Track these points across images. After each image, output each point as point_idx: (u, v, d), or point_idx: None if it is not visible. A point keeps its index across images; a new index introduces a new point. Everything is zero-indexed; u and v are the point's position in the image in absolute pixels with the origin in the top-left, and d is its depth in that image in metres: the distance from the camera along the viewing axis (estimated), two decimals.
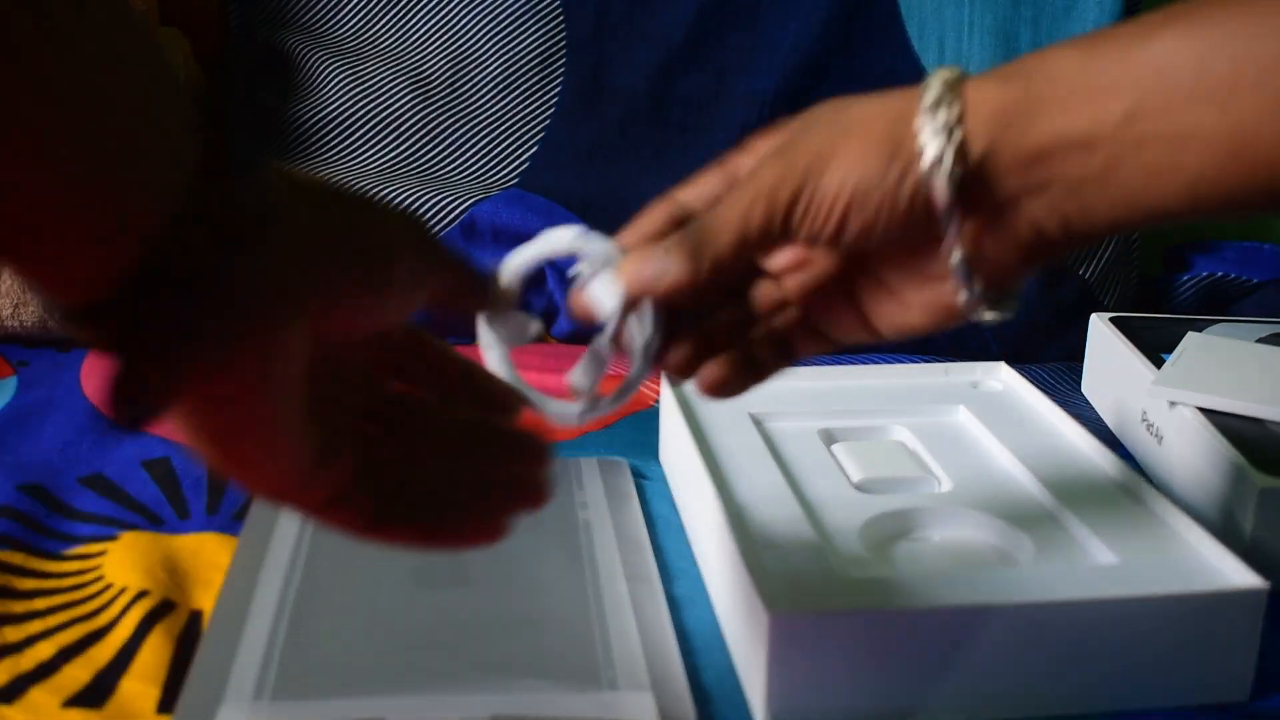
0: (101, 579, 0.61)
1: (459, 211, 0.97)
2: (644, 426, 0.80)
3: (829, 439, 0.70)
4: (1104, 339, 0.86)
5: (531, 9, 1.03)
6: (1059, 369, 0.94)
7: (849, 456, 0.67)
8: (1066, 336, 0.99)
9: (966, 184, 0.42)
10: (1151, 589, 0.53)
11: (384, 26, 1.05)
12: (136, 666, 0.54)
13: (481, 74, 1.03)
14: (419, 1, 1.04)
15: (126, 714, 0.51)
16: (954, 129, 0.41)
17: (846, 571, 0.55)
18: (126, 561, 0.61)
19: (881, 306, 0.48)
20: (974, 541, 0.61)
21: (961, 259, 0.44)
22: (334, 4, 1.05)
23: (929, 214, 0.43)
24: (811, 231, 0.44)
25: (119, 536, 0.64)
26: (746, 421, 0.70)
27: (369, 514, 0.40)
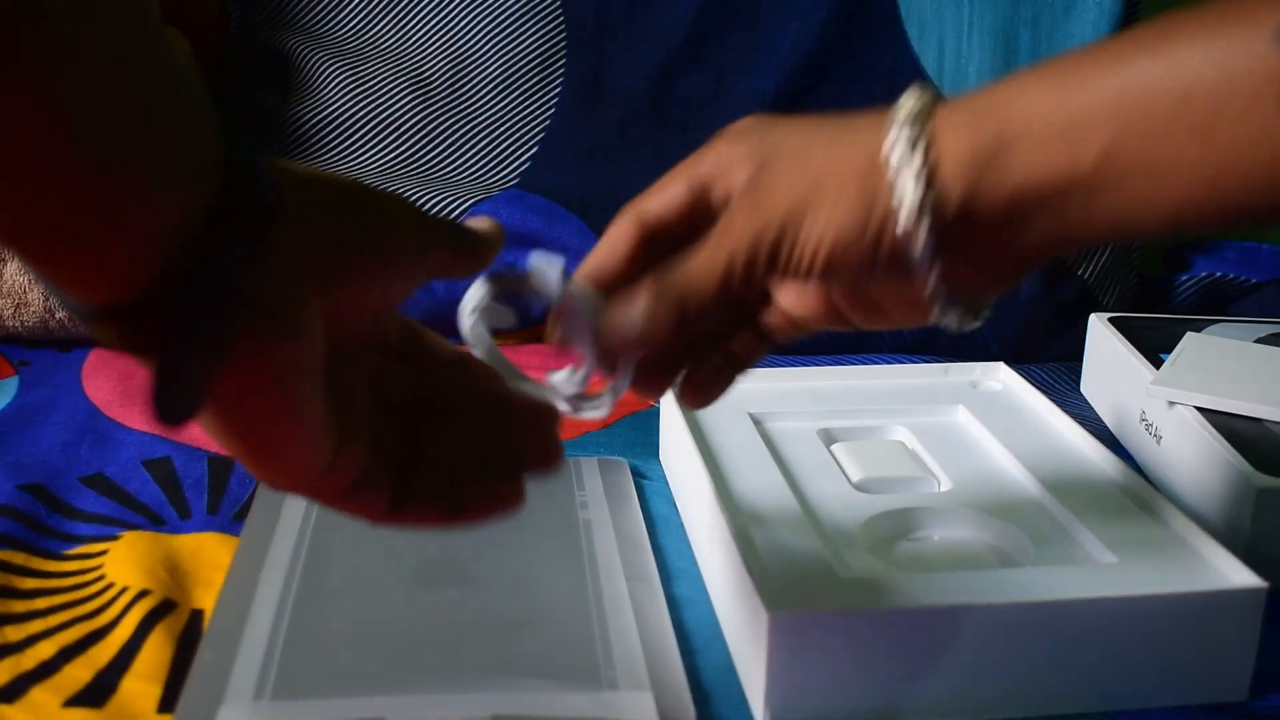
0: (103, 579, 0.61)
1: (459, 212, 0.97)
2: (644, 426, 0.80)
3: (829, 439, 0.70)
4: (1103, 339, 0.86)
5: (531, 9, 1.03)
6: (1058, 369, 0.94)
7: (849, 456, 0.67)
8: (1066, 336, 0.99)
9: (944, 232, 0.42)
10: (1150, 588, 0.53)
11: (384, 27, 1.05)
12: (137, 666, 0.54)
13: (481, 74, 1.03)
14: (419, 2, 1.04)
15: (127, 713, 0.51)
16: (929, 182, 0.41)
17: (846, 571, 0.56)
18: (127, 561, 0.61)
19: (858, 310, 0.49)
20: (973, 541, 0.61)
21: (940, 290, 0.44)
22: (334, 4, 1.05)
23: (908, 258, 0.43)
24: (793, 278, 0.44)
25: (120, 536, 0.64)
26: (746, 421, 0.70)
27: (388, 499, 0.41)
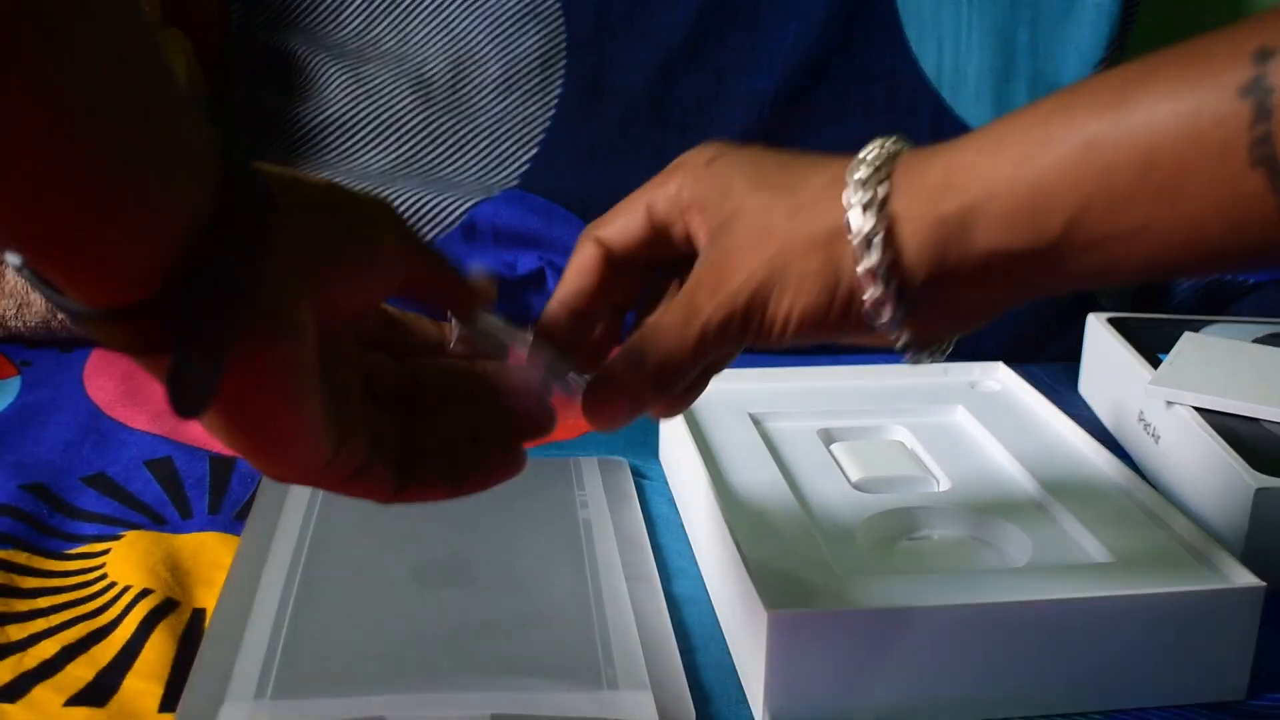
0: (104, 578, 0.61)
1: (459, 212, 0.97)
2: (644, 426, 0.80)
3: (828, 438, 0.71)
4: (1101, 339, 0.86)
5: (531, 9, 1.03)
6: (1056, 369, 0.94)
7: (848, 456, 0.68)
8: (1064, 337, 0.99)
9: (912, 297, 0.43)
10: (1148, 588, 0.53)
11: (385, 27, 1.05)
12: (139, 665, 0.54)
13: (482, 75, 1.03)
14: (419, 3, 1.04)
15: (129, 712, 0.52)
16: (896, 254, 0.42)
17: (845, 571, 0.56)
18: (129, 560, 0.62)
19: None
20: (972, 541, 0.61)
21: (911, 341, 0.45)
22: (335, 5, 1.05)
23: (878, 320, 0.44)
24: (765, 342, 0.45)
25: (122, 536, 0.64)
26: (746, 421, 0.71)
27: (393, 480, 0.42)
